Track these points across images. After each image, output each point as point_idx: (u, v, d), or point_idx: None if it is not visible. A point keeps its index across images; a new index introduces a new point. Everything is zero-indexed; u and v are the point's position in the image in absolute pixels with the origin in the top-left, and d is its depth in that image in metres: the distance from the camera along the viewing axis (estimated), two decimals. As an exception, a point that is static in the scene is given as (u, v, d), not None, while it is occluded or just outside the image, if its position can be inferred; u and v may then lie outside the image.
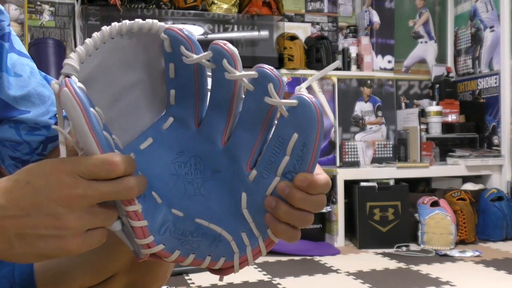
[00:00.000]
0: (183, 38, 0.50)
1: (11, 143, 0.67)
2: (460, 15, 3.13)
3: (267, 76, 0.48)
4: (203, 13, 2.74)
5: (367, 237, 2.40)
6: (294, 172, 0.49)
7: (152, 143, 0.54)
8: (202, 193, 0.53)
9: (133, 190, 0.45)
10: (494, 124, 2.82)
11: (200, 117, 0.54)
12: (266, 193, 0.50)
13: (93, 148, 0.44)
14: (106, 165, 0.43)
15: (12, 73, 0.65)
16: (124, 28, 0.49)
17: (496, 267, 1.98)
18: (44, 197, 0.43)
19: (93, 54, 0.48)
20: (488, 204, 2.50)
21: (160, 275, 0.77)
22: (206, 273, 1.93)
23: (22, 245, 0.44)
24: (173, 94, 0.54)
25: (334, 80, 2.91)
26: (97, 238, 0.46)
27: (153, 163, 0.50)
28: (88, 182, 0.44)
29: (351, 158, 2.78)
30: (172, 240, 0.50)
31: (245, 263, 0.52)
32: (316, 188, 0.48)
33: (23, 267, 0.69)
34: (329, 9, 3.12)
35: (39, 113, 0.67)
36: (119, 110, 0.52)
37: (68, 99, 0.43)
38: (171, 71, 0.53)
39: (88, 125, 0.43)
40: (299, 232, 0.50)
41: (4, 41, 0.64)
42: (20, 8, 2.67)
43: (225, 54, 0.49)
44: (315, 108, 0.47)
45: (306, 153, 0.48)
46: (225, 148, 0.52)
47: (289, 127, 0.48)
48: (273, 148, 0.49)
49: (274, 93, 0.48)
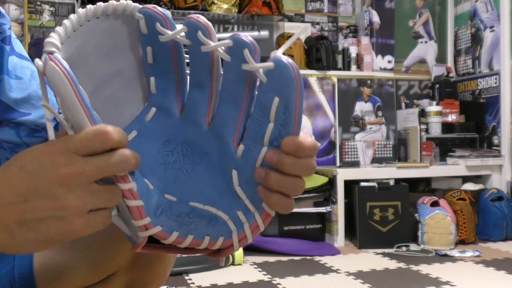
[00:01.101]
0: (158, 14, 0.50)
1: (10, 145, 0.67)
2: (460, 15, 3.13)
3: (242, 42, 0.48)
4: (203, 13, 2.75)
5: (367, 237, 2.40)
6: (280, 138, 0.48)
7: (137, 136, 0.53)
8: (193, 178, 0.52)
9: (130, 160, 0.43)
10: (494, 124, 2.82)
11: (182, 102, 0.54)
12: (255, 165, 0.50)
13: (84, 121, 0.43)
14: (99, 135, 0.42)
15: (13, 75, 0.65)
16: (99, 9, 0.49)
17: (496, 267, 1.98)
18: (40, 180, 0.42)
19: (72, 36, 0.47)
20: (488, 204, 2.50)
21: (159, 274, 0.78)
22: (206, 273, 1.94)
23: (24, 232, 0.43)
24: (153, 82, 0.53)
25: (334, 80, 2.91)
26: (101, 219, 0.44)
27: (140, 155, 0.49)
28: (83, 158, 0.42)
29: (351, 158, 2.78)
30: (169, 222, 0.49)
31: (244, 240, 0.52)
32: (304, 150, 0.48)
33: (23, 266, 0.69)
34: (329, 9, 3.12)
35: (40, 115, 0.67)
36: (100, 101, 0.52)
37: (55, 73, 0.42)
38: (149, 56, 0.52)
39: (77, 97, 0.42)
40: (292, 200, 0.50)
41: (5, 44, 0.65)
42: (20, 8, 2.67)
43: (200, 26, 0.49)
44: (292, 68, 0.47)
45: (289, 115, 0.48)
46: (210, 129, 0.52)
47: (269, 92, 0.48)
48: (256, 118, 0.49)
49: (250, 58, 0.48)
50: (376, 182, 2.44)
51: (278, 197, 0.49)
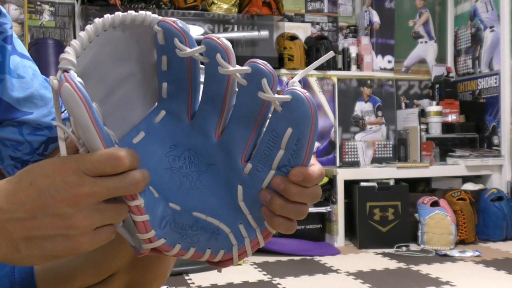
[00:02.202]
0: (177, 30, 0.50)
1: (12, 143, 0.67)
2: (460, 15, 3.13)
3: (261, 71, 0.48)
4: (203, 13, 2.74)
5: (367, 237, 2.40)
6: (289, 166, 0.49)
7: (145, 137, 0.53)
8: (198, 186, 0.52)
9: (139, 184, 0.44)
10: (494, 124, 2.82)
11: (193, 110, 0.53)
12: (261, 186, 0.50)
13: (97, 144, 0.43)
14: (111, 160, 0.42)
15: (15, 75, 0.65)
16: (117, 20, 0.48)
17: (496, 267, 1.98)
18: (50, 198, 0.42)
19: (87, 47, 0.47)
20: (488, 204, 2.50)
21: (160, 274, 0.77)
22: (206, 273, 1.93)
23: (29, 248, 0.43)
24: (165, 87, 0.53)
25: (334, 80, 2.91)
26: (106, 235, 0.45)
27: (146, 157, 0.49)
28: (93, 179, 0.42)
29: (351, 158, 2.78)
30: (173, 234, 0.50)
31: (243, 255, 0.52)
32: (311, 181, 0.48)
33: (23, 267, 0.69)
34: (329, 9, 3.12)
35: (42, 114, 0.67)
36: (112, 104, 0.52)
37: (70, 95, 0.41)
38: (163, 64, 0.52)
39: (91, 120, 0.42)
40: (295, 223, 0.50)
41: (7, 44, 0.65)
42: (20, 8, 2.67)
43: (219, 49, 0.49)
44: (309, 103, 0.47)
45: (301, 147, 0.48)
46: (219, 142, 0.52)
47: (283, 122, 0.48)
48: (267, 142, 0.49)
49: (267, 88, 0.48)
50: (376, 182, 2.44)
51: (281, 220, 0.50)
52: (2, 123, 0.66)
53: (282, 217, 0.49)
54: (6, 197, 0.43)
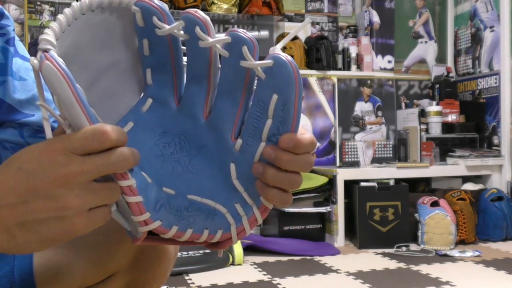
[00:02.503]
0: (155, 8, 0.50)
1: (13, 145, 0.67)
2: (460, 15, 3.13)
3: (241, 39, 0.48)
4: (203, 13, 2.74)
5: (367, 237, 2.40)
6: (278, 134, 0.48)
7: (133, 127, 0.53)
8: (191, 170, 0.52)
9: (128, 159, 0.43)
10: (494, 124, 2.82)
11: (179, 94, 0.53)
12: (253, 160, 0.50)
13: (82, 120, 0.42)
14: (97, 135, 0.42)
15: (17, 77, 0.66)
16: (94, 2, 0.48)
17: (496, 267, 1.98)
18: (39, 180, 0.42)
19: (66, 31, 0.46)
20: (488, 204, 2.50)
21: (159, 274, 0.78)
22: (206, 273, 1.94)
23: (24, 233, 0.43)
24: (149, 73, 0.53)
25: (334, 80, 2.91)
26: (101, 216, 0.44)
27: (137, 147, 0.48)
28: (81, 157, 0.42)
29: (351, 158, 2.78)
30: (169, 216, 0.49)
31: (242, 233, 0.52)
32: (302, 147, 0.48)
33: (23, 267, 0.69)
34: (329, 9, 3.12)
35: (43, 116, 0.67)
36: (96, 94, 0.51)
37: (51, 72, 0.41)
38: (145, 48, 0.52)
39: (75, 96, 0.41)
40: (290, 195, 0.50)
41: (10, 46, 0.65)
42: (20, 8, 2.67)
43: (197, 22, 0.49)
44: (291, 66, 0.46)
45: (288, 113, 0.47)
46: (208, 122, 0.52)
47: (267, 89, 0.47)
48: (254, 113, 0.49)
49: (249, 55, 0.48)
50: (376, 182, 2.44)
51: (276, 192, 0.49)
52: (3, 124, 0.66)
53: (277, 188, 0.49)
54: None
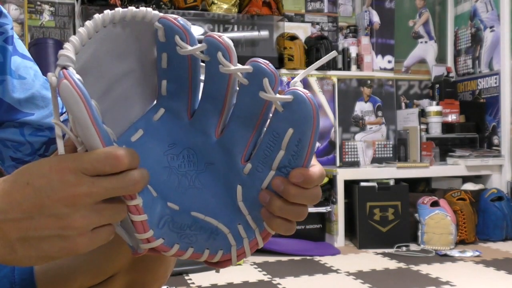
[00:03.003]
0: (178, 27, 0.49)
1: (14, 144, 0.67)
2: (460, 15, 3.13)
3: (262, 70, 0.47)
4: (203, 13, 2.74)
5: (367, 237, 2.40)
6: (289, 167, 0.48)
7: (143, 135, 0.52)
8: (197, 185, 0.52)
9: (138, 184, 0.43)
10: (494, 124, 2.82)
11: (192, 108, 0.52)
12: (261, 186, 0.49)
13: (96, 143, 0.42)
14: (110, 159, 0.41)
15: (16, 76, 0.65)
16: (117, 16, 0.47)
17: (496, 267, 1.98)
18: (46, 198, 0.41)
19: (86, 43, 0.46)
20: (488, 204, 2.50)
21: (160, 275, 0.77)
22: (206, 273, 1.94)
23: (25, 249, 0.43)
24: (164, 85, 0.52)
25: (334, 80, 2.91)
26: (104, 235, 0.44)
27: (145, 155, 0.48)
28: (91, 178, 0.42)
29: (351, 158, 2.78)
30: (171, 234, 0.49)
31: (242, 255, 0.51)
32: (312, 183, 0.48)
33: (23, 267, 0.69)
34: (329, 9, 3.12)
35: (43, 115, 0.67)
36: (110, 101, 0.51)
37: (68, 92, 0.40)
38: (163, 61, 0.51)
39: (90, 118, 0.41)
40: (294, 224, 0.50)
41: (8, 44, 0.64)
42: (20, 8, 2.67)
43: (220, 47, 0.48)
44: (311, 104, 0.46)
45: (302, 149, 0.47)
46: (219, 141, 0.51)
47: (284, 122, 0.47)
48: (267, 142, 0.49)
49: (269, 88, 0.47)
50: (376, 182, 2.44)
51: (281, 222, 0.49)
52: (3, 124, 0.66)
53: (282, 218, 0.49)
54: (2, 197, 0.42)
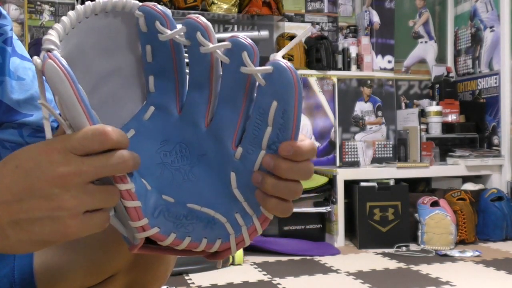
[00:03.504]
0: (158, 13, 0.50)
1: (12, 145, 0.67)
2: (460, 15, 3.13)
3: (241, 44, 0.48)
4: (203, 13, 2.75)
5: (367, 237, 2.40)
6: (278, 142, 0.48)
7: (135, 135, 0.53)
8: (191, 179, 0.52)
9: (128, 162, 0.42)
10: (494, 124, 2.82)
11: (181, 101, 0.53)
12: (254, 168, 0.49)
13: (83, 121, 0.42)
14: (98, 135, 0.41)
15: (15, 77, 0.65)
16: (98, 6, 0.48)
17: (496, 267, 1.98)
18: (36, 179, 0.41)
19: (70, 33, 0.46)
20: (488, 204, 2.50)
21: (160, 275, 0.78)
22: (206, 273, 1.94)
23: (17, 233, 0.42)
24: (152, 80, 0.53)
25: (334, 80, 2.91)
26: (98, 220, 0.43)
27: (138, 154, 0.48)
28: (80, 158, 0.41)
29: (351, 158, 2.78)
30: (167, 223, 0.48)
31: (241, 243, 0.51)
32: (302, 154, 0.47)
33: (23, 267, 0.69)
34: (329, 9, 3.12)
35: (42, 116, 0.67)
36: (98, 99, 0.51)
37: (54, 71, 0.41)
38: (148, 54, 0.52)
39: (76, 96, 0.41)
40: (290, 204, 0.49)
41: (7, 46, 0.65)
42: (20, 8, 2.67)
43: (199, 27, 0.49)
44: (291, 72, 0.46)
45: (287, 120, 0.47)
46: (209, 130, 0.52)
47: (267, 96, 0.47)
48: (255, 121, 0.49)
49: (248, 61, 0.47)
50: (376, 182, 2.44)
51: (276, 201, 0.48)
52: (2, 125, 0.66)
53: (276, 197, 0.48)
54: None
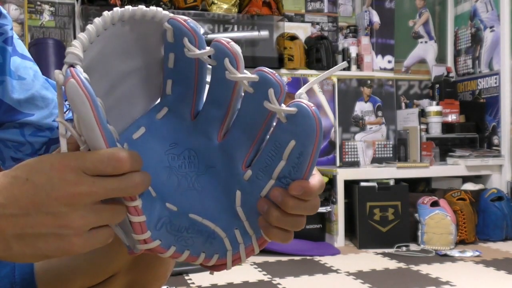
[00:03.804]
0: (188, 30, 0.49)
1: (14, 144, 0.67)
2: (460, 15, 3.13)
3: (268, 80, 0.47)
4: (203, 13, 2.74)
5: (367, 237, 2.40)
6: (289, 178, 0.48)
7: (145, 133, 0.52)
8: (196, 187, 0.52)
9: (139, 186, 0.43)
10: (494, 124, 2.82)
11: (196, 110, 0.52)
12: (260, 194, 0.49)
13: (99, 143, 0.42)
14: (112, 161, 0.41)
15: (16, 76, 0.65)
16: (126, 14, 0.47)
17: (496, 267, 1.98)
18: (45, 195, 0.41)
19: (94, 41, 0.45)
20: (488, 204, 2.50)
21: (160, 275, 0.78)
22: (206, 273, 1.93)
23: (21, 246, 0.42)
24: (170, 84, 0.52)
25: (334, 80, 2.91)
26: (102, 237, 0.44)
27: (145, 153, 0.48)
28: (92, 178, 0.41)
29: (351, 158, 2.78)
30: (168, 236, 0.49)
31: (237, 261, 0.51)
32: (311, 195, 0.47)
33: (23, 267, 0.69)
34: (329, 9, 3.12)
35: (43, 115, 0.67)
36: (114, 98, 0.51)
37: (75, 92, 0.40)
38: (170, 61, 0.51)
39: (96, 119, 0.41)
40: (291, 234, 0.49)
41: (7, 45, 0.64)
42: (20, 8, 2.67)
43: (228, 54, 0.48)
44: (314, 118, 0.46)
45: (303, 161, 0.47)
46: (221, 145, 0.51)
47: (286, 133, 0.47)
48: (269, 151, 0.49)
49: (274, 99, 0.47)
50: (376, 182, 2.44)
51: (277, 231, 0.49)
52: (4, 124, 0.66)
53: (279, 228, 0.49)
54: (1, 192, 0.42)
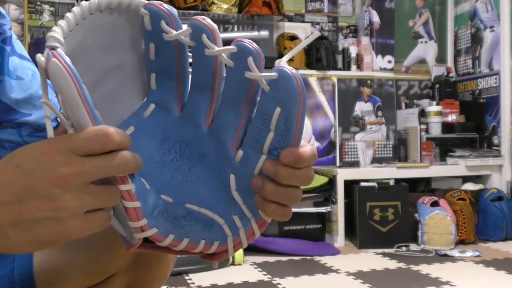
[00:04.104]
0: (164, 12, 0.49)
1: (11, 144, 0.67)
2: (460, 15, 3.13)
3: (247, 49, 0.47)
4: (203, 13, 2.74)
5: (367, 237, 2.40)
6: (279, 148, 0.48)
7: (134, 132, 0.52)
8: (190, 179, 0.52)
9: (129, 163, 0.42)
10: (494, 124, 2.82)
11: (182, 100, 0.53)
12: (254, 172, 0.49)
13: (86, 121, 0.41)
14: (100, 136, 0.41)
15: (14, 76, 0.65)
16: (103, 3, 0.47)
17: (496, 267, 1.98)
18: (36, 179, 0.40)
19: (74, 30, 0.46)
20: (488, 204, 2.50)
21: (159, 274, 0.78)
22: (206, 273, 1.94)
23: (17, 233, 0.42)
24: (154, 78, 0.52)
25: (334, 80, 2.91)
26: (99, 220, 0.43)
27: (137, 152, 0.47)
28: (82, 158, 0.41)
29: (351, 158, 2.78)
30: (166, 224, 0.48)
31: (239, 246, 0.51)
32: (303, 161, 0.47)
33: (23, 267, 0.69)
34: (329, 9, 3.12)
35: (41, 115, 0.67)
36: (99, 95, 0.51)
37: (58, 70, 0.40)
38: (151, 52, 0.51)
39: (80, 96, 0.41)
40: (290, 209, 0.49)
41: (6, 45, 0.64)
42: (20, 8, 2.67)
43: (205, 29, 0.48)
44: (296, 80, 0.46)
45: (290, 127, 0.47)
46: (210, 131, 0.52)
47: (271, 101, 0.47)
48: (257, 125, 0.49)
49: (254, 66, 0.47)
50: (376, 182, 2.44)
51: (275, 206, 0.48)
52: (1, 124, 0.66)
53: (276, 202, 0.48)
54: None
